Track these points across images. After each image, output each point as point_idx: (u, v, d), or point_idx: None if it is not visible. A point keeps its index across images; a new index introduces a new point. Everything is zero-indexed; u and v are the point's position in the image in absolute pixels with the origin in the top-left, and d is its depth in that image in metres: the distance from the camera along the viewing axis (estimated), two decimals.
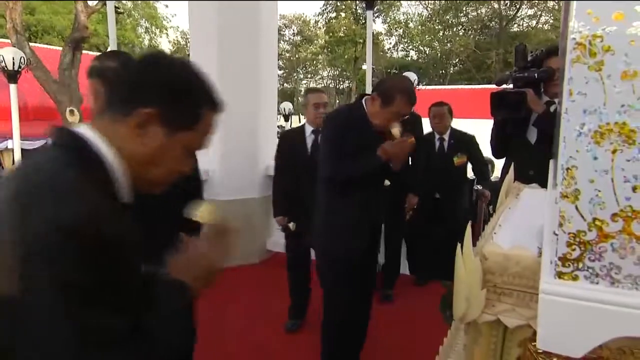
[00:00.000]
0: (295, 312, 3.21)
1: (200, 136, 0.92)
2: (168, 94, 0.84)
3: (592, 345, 0.82)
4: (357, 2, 22.45)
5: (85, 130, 0.82)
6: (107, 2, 4.59)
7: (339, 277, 2.27)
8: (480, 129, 3.78)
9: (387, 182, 2.79)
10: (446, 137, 3.85)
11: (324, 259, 2.36)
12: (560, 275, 0.84)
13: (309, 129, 3.10)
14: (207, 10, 4.34)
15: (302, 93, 3.80)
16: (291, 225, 3.09)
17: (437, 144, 3.89)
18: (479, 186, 3.90)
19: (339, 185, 2.23)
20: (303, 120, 3.28)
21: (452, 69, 27.34)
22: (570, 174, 0.81)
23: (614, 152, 0.78)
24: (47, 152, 0.81)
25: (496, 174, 4.80)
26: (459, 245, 1.31)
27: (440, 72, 27.24)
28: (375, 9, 25.40)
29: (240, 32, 4.34)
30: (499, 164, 3.22)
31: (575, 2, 0.78)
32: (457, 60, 26.95)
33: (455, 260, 1.33)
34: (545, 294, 0.85)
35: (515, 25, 25.64)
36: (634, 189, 0.77)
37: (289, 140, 3.19)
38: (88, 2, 9.71)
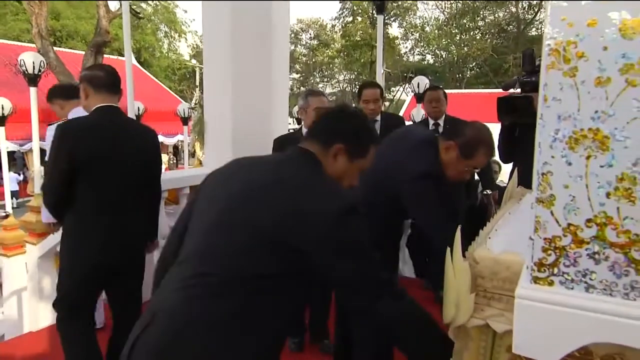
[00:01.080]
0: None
1: (368, 162, 1.35)
2: (352, 136, 1.30)
3: (567, 351, 0.82)
4: (374, 6, 22.42)
5: (309, 151, 1.28)
6: (122, 4, 4.67)
7: None
8: (498, 133, 3.68)
9: None
10: (441, 122, 3.61)
11: None
12: (536, 280, 0.85)
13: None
14: (220, 12, 4.39)
15: (302, 94, 3.47)
16: None
17: (432, 130, 3.61)
18: (488, 190, 3.82)
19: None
20: None
21: (469, 72, 27.10)
22: (546, 179, 0.82)
23: (588, 157, 0.78)
24: (294, 159, 1.28)
25: (502, 177, 4.72)
26: (448, 249, 1.31)
27: (457, 75, 27.02)
28: (391, 13, 24.95)
29: (253, 33, 4.38)
30: (507, 168, 3.18)
31: (550, 7, 0.78)
32: (474, 64, 26.69)
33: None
34: (521, 299, 0.85)
35: (534, 29, 25.32)
36: (608, 195, 0.77)
37: (284, 147, 2.93)
38: (109, 7, 9.94)
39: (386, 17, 27.87)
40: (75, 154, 2.03)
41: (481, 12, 25.47)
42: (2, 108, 8.09)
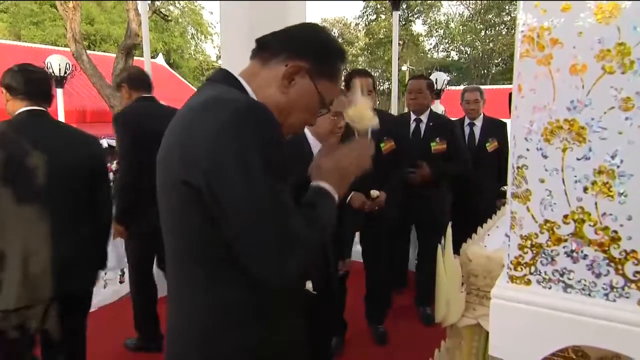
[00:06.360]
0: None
1: (335, 90, 1.00)
2: (319, 50, 0.96)
3: (545, 354, 0.78)
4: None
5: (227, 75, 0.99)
6: (139, 5, 4.77)
7: None
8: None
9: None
10: (424, 118, 3.11)
11: None
12: (512, 279, 0.81)
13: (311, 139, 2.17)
14: (238, 11, 4.41)
15: None
16: None
17: (413, 126, 3.14)
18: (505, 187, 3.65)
19: None
20: None
21: (494, 68, 26.51)
22: (521, 173, 0.78)
23: (564, 150, 0.74)
24: (213, 84, 0.97)
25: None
26: (439, 246, 1.27)
27: (482, 72, 26.45)
28: (415, 10, 24.52)
29: (270, 30, 4.39)
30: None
31: None
32: (499, 59, 26.10)
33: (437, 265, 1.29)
34: (497, 299, 0.82)
35: None
36: (585, 189, 0.73)
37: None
38: (139, 10, 10.10)
39: (410, 15, 27.56)
40: None
41: (506, 7, 24.87)
42: None
